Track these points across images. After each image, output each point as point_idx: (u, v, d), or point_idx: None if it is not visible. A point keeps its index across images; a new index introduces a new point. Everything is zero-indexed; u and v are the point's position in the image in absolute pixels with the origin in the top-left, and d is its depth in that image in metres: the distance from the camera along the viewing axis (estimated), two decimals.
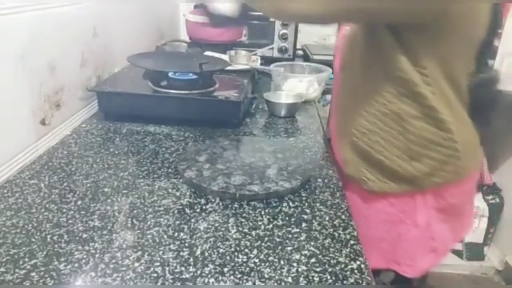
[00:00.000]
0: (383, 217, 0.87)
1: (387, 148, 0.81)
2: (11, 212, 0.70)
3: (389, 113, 0.79)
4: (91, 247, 0.63)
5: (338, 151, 0.92)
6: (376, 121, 0.81)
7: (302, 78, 1.36)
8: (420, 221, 0.84)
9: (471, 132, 0.84)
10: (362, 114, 0.83)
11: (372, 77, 0.80)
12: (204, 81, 1.16)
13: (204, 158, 0.89)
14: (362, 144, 0.84)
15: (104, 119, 1.13)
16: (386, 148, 0.81)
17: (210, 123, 1.11)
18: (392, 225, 0.86)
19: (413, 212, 0.84)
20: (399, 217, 0.85)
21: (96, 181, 0.82)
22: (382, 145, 0.82)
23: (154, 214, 0.71)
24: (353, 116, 0.84)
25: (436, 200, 0.84)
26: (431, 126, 0.78)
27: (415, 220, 0.85)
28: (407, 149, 0.80)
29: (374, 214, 0.87)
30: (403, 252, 0.87)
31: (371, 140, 0.83)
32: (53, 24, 0.96)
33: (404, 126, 0.79)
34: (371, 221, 0.87)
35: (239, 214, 0.72)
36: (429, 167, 0.80)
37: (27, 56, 0.87)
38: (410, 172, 0.81)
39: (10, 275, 0.56)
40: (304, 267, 0.60)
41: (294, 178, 0.82)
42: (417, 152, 0.80)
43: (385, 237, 0.88)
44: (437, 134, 0.78)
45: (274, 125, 1.16)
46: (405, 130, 0.79)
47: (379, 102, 0.80)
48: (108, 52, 1.27)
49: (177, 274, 0.58)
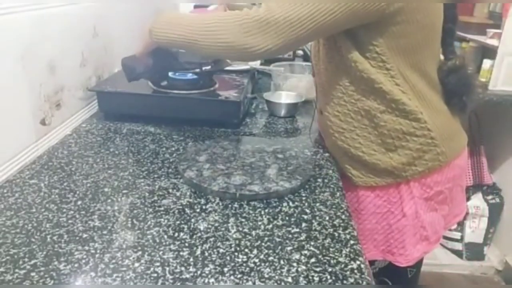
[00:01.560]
0: (373, 210, 0.89)
1: (363, 143, 0.85)
2: (11, 212, 0.70)
3: (359, 110, 0.83)
4: (91, 247, 0.63)
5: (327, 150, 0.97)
6: (349, 120, 0.85)
7: (302, 78, 1.36)
8: (408, 210, 0.87)
9: (446, 119, 0.87)
10: (336, 114, 0.87)
11: (337, 79, 0.84)
12: (204, 81, 1.16)
13: (204, 158, 0.89)
14: (341, 142, 0.88)
15: (104, 119, 1.13)
16: (363, 144, 0.85)
17: (210, 123, 1.11)
18: (382, 217, 0.89)
19: (400, 202, 0.87)
20: (388, 208, 0.88)
21: (96, 181, 0.82)
22: (359, 142, 0.85)
23: (154, 214, 0.72)
24: (329, 117, 0.89)
25: (422, 189, 0.87)
26: (401, 118, 0.81)
27: (402, 210, 0.87)
28: (383, 142, 0.84)
29: (365, 208, 0.90)
30: (395, 242, 0.90)
31: (348, 138, 0.86)
32: (53, 24, 0.96)
33: (374, 121, 0.82)
34: (363, 214, 0.91)
35: (239, 214, 0.72)
36: (407, 157, 0.83)
37: (27, 56, 0.87)
38: (390, 163, 0.84)
39: (10, 275, 0.56)
40: (304, 267, 0.60)
41: (294, 178, 0.82)
42: (393, 144, 0.83)
43: (377, 228, 0.91)
44: (409, 124, 0.81)
45: (274, 125, 1.16)
46: (376, 125, 0.82)
47: (348, 102, 0.84)
48: (108, 52, 1.27)
49: (177, 274, 0.58)
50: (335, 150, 0.92)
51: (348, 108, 0.84)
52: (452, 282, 2.04)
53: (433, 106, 0.84)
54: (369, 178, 0.87)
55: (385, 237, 0.91)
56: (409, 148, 0.83)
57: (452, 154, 0.87)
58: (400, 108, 0.80)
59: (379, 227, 0.90)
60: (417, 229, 0.89)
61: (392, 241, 0.90)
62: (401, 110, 0.80)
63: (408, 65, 0.79)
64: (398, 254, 0.90)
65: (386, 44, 0.76)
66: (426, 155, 0.84)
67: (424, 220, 0.88)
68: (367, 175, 0.87)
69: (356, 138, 0.85)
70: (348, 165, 0.89)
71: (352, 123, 0.85)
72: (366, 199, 0.90)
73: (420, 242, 0.90)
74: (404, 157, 0.83)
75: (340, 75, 0.83)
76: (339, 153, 0.91)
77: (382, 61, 0.78)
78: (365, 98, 0.81)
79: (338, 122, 0.87)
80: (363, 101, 0.82)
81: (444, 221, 0.94)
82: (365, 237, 0.92)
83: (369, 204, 0.89)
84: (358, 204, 0.91)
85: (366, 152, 0.85)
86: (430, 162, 0.84)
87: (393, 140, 0.83)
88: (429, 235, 0.90)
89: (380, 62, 0.78)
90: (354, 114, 0.84)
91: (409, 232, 0.88)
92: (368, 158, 0.85)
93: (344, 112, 0.85)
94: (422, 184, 0.86)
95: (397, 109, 0.80)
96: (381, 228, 0.90)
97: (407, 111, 0.80)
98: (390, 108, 0.81)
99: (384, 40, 0.76)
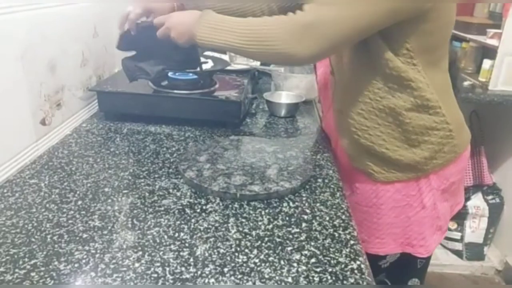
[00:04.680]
0: (392, 204, 0.90)
1: (387, 140, 0.86)
2: (11, 212, 0.70)
3: (384, 108, 0.84)
4: (91, 247, 0.62)
5: (343, 148, 0.96)
6: (374, 117, 0.85)
7: (302, 78, 1.36)
8: (427, 202, 0.89)
9: (458, 111, 0.90)
10: (360, 112, 0.87)
11: (363, 77, 0.85)
12: (205, 81, 1.17)
13: (204, 158, 0.89)
14: (364, 140, 0.88)
15: (105, 118, 1.13)
16: (386, 140, 0.86)
17: (210, 123, 1.11)
18: (401, 210, 0.91)
19: (419, 195, 0.89)
20: (407, 202, 0.90)
21: (97, 181, 0.82)
22: (383, 139, 0.86)
23: (154, 214, 0.71)
24: (351, 115, 0.88)
25: (440, 181, 0.89)
26: (423, 113, 0.83)
27: (422, 202, 0.89)
28: (406, 138, 0.85)
29: (384, 202, 0.91)
30: (414, 234, 0.92)
31: (372, 135, 0.87)
32: (53, 24, 0.96)
33: (399, 119, 0.83)
34: (382, 209, 0.91)
35: (240, 214, 0.72)
36: (429, 151, 0.85)
37: (27, 56, 0.87)
38: (412, 159, 0.85)
39: (10, 275, 0.56)
40: (304, 267, 0.60)
41: (294, 178, 0.82)
42: (416, 139, 0.85)
43: (396, 222, 0.92)
44: (430, 119, 0.83)
45: (274, 125, 1.16)
46: (401, 122, 0.83)
47: (373, 100, 0.84)
48: (108, 52, 1.27)
49: (178, 275, 0.58)
50: (356, 149, 0.91)
51: (373, 106, 0.84)
52: (453, 282, 2.04)
53: (448, 99, 0.87)
54: (391, 173, 0.88)
55: (403, 230, 0.92)
56: (431, 142, 0.85)
57: (463, 145, 0.90)
58: (424, 104, 0.82)
59: (397, 220, 0.91)
60: (434, 220, 0.92)
61: (411, 233, 0.92)
62: (425, 106, 0.82)
63: (430, 61, 0.81)
64: (418, 245, 0.92)
65: (416, 42, 0.78)
66: (445, 148, 0.86)
67: (439, 211, 0.91)
68: (390, 171, 0.88)
69: (380, 135, 0.86)
70: (370, 162, 0.89)
71: (376, 121, 0.85)
72: (385, 194, 0.90)
73: (436, 232, 0.93)
74: (427, 152, 0.85)
75: (367, 73, 0.83)
76: (360, 151, 0.90)
77: (410, 58, 0.79)
78: (391, 96, 0.82)
79: (362, 120, 0.87)
80: (389, 99, 0.82)
81: (450, 210, 0.97)
82: (384, 232, 0.93)
83: (388, 199, 0.90)
84: (377, 199, 0.91)
85: (390, 149, 0.86)
86: (448, 154, 0.87)
87: (416, 136, 0.84)
88: (442, 225, 0.94)
89: (408, 58, 0.79)
90: (379, 111, 0.84)
91: (428, 224, 0.91)
92: (392, 154, 0.86)
93: (369, 110, 0.85)
94: (440, 176, 0.89)
95: (421, 105, 0.82)
96: (400, 221, 0.91)
97: (429, 106, 0.82)
98: (415, 105, 0.82)
99: (415, 38, 0.77)
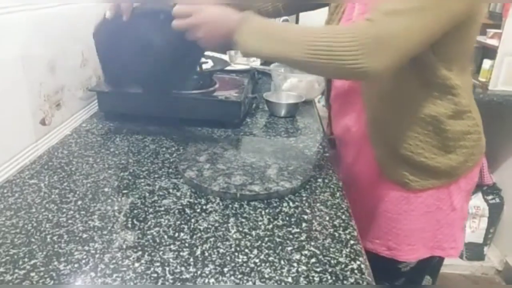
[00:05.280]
0: (424, 210, 0.90)
1: (426, 149, 0.85)
2: (11, 212, 0.70)
3: (425, 117, 0.83)
4: (91, 247, 0.62)
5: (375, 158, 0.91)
6: (413, 126, 0.84)
7: (302, 78, 1.36)
8: (457, 205, 0.90)
9: (478, 113, 0.90)
10: (400, 121, 0.85)
11: (405, 85, 0.81)
12: (204, 81, 1.16)
13: (204, 158, 0.89)
14: (403, 150, 0.86)
15: (105, 119, 1.13)
16: (425, 149, 0.85)
17: (210, 123, 1.11)
18: (432, 215, 0.91)
19: (449, 197, 0.90)
20: (437, 205, 0.90)
21: (96, 181, 0.81)
22: (421, 147, 0.85)
23: (154, 214, 0.71)
24: (390, 125, 0.86)
25: (467, 182, 0.91)
26: (459, 119, 0.84)
27: (452, 205, 0.90)
28: (443, 145, 0.85)
29: (415, 208, 0.90)
30: (445, 236, 0.92)
31: (411, 145, 0.85)
32: (53, 24, 0.96)
33: (440, 127, 0.83)
34: (413, 215, 0.91)
35: (240, 214, 0.72)
36: (464, 155, 0.86)
37: (27, 56, 0.87)
38: (449, 165, 0.86)
39: (9, 275, 0.56)
40: (304, 267, 0.60)
41: (295, 178, 0.82)
42: (453, 145, 0.85)
43: (426, 227, 0.92)
44: (465, 124, 0.84)
45: (274, 125, 1.16)
46: (441, 130, 0.83)
47: (413, 109, 0.83)
48: None
49: (177, 274, 0.58)
50: (392, 158, 0.88)
51: (413, 115, 0.83)
52: (452, 282, 2.04)
53: (473, 102, 0.87)
54: (427, 181, 0.87)
55: (433, 234, 0.92)
56: (466, 147, 0.85)
57: (484, 144, 0.91)
58: (460, 110, 0.82)
59: (428, 225, 0.91)
60: (462, 221, 0.94)
61: (442, 236, 0.92)
62: (460, 111, 0.82)
63: (463, 66, 0.81)
64: (449, 248, 0.93)
65: (456, 47, 0.77)
66: (475, 150, 0.87)
67: (465, 211, 0.94)
68: (426, 178, 0.87)
69: (419, 144, 0.85)
70: (406, 172, 0.87)
71: (415, 129, 0.84)
72: (417, 199, 0.89)
73: (462, 232, 0.95)
74: (462, 156, 0.86)
75: (410, 82, 0.81)
76: (396, 161, 0.87)
77: (450, 63, 0.78)
78: (432, 104, 0.81)
79: (402, 130, 0.85)
80: (430, 107, 0.81)
81: None
82: (415, 238, 0.92)
83: (420, 204, 0.89)
84: (408, 205, 0.90)
85: (428, 157, 0.85)
86: (477, 156, 0.88)
87: (454, 142, 0.84)
88: (465, 224, 0.96)
89: (449, 65, 0.78)
90: (420, 120, 0.83)
91: (458, 225, 0.93)
92: (430, 162, 0.85)
93: (409, 119, 0.84)
94: (467, 178, 0.90)
95: (459, 111, 0.82)
96: (430, 226, 0.91)
97: (463, 111, 0.83)
98: (455, 111, 0.82)
99: (457, 44, 0.77)
